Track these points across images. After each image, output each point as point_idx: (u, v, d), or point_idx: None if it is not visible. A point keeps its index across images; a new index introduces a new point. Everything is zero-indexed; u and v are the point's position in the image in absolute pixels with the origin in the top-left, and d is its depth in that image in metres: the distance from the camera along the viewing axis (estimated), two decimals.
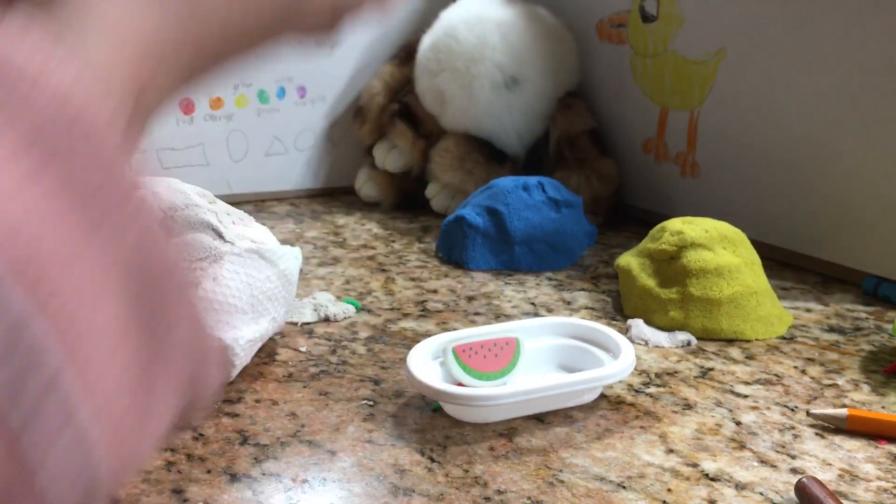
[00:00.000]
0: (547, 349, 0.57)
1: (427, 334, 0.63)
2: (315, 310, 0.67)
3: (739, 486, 0.43)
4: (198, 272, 0.51)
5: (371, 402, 0.52)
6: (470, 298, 0.72)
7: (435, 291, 0.74)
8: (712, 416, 0.51)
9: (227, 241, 0.54)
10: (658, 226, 0.71)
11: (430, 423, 0.50)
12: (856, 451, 0.47)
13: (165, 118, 1.03)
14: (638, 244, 0.73)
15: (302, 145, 1.13)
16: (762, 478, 0.44)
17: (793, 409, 0.52)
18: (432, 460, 0.46)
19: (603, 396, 0.53)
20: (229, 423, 0.49)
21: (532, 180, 0.84)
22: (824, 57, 0.77)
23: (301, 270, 0.76)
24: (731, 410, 0.52)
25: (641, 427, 0.49)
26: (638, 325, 0.64)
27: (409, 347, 0.53)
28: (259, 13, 0.26)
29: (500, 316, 0.68)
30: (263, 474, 0.44)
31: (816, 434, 0.49)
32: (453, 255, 0.83)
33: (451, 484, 0.43)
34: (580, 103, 1.03)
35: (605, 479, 0.44)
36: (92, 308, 0.18)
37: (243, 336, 0.52)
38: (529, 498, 0.42)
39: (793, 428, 0.50)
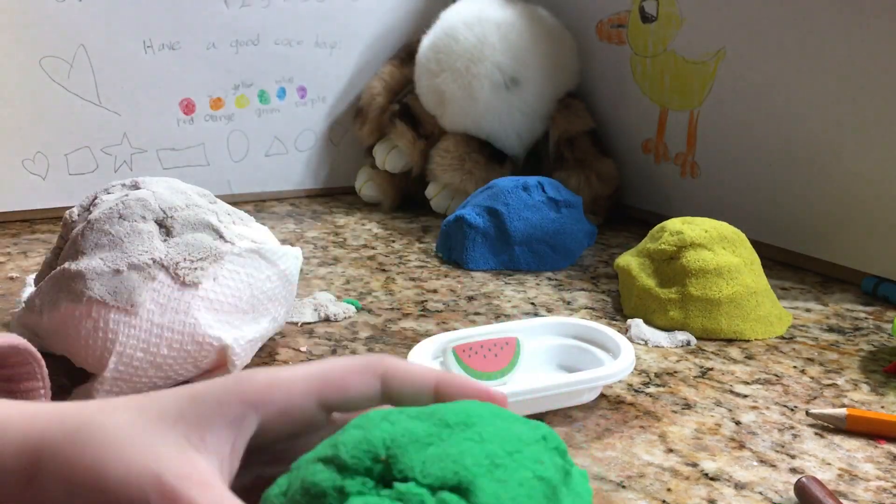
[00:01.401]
0: (547, 349, 0.57)
1: (427, 334, 0.63)
2: (315, 310, 0.67)
3: (739, 486, 0.43)
4: (198, 272, 0.51)
5: None
6: (470, 298, 0.73)
7: (435, 291, 0.74)
8: (712, 416, 0.51)
9: (227, 241, 0.54)
10: (658, 226, 0.71)
11: None
12: (855, 451, 0.47)
13: (166, 118, 1.03)
14: (637, 244, 0.73)
15: (302, 145, 1.13)
16: (762, 477, 0.44)
17: (792, 409, 0.52)
18: None
19: (603, 396, 0.53)
20: None
21: (532, 180, 0.84)
22: (824, 57, 0.77)
23: (301, 270, 0.76)
24: (730, 410, 0.52)
25: (641, 427, 0.50)
26: (638, 324, 0.64)
27: (409, 347, 0.53)
28: None
29: (500, 316, 0.68)
30: None
31: (816, 434, 0.49)
32: (453, 255, 0.83)
33: None
34: (580, 104, 1.03)
35: (605, 478, 0.44)
36: None
37: (243, 336, 0.52)
38: None
39: (792, 428, 0.50)
